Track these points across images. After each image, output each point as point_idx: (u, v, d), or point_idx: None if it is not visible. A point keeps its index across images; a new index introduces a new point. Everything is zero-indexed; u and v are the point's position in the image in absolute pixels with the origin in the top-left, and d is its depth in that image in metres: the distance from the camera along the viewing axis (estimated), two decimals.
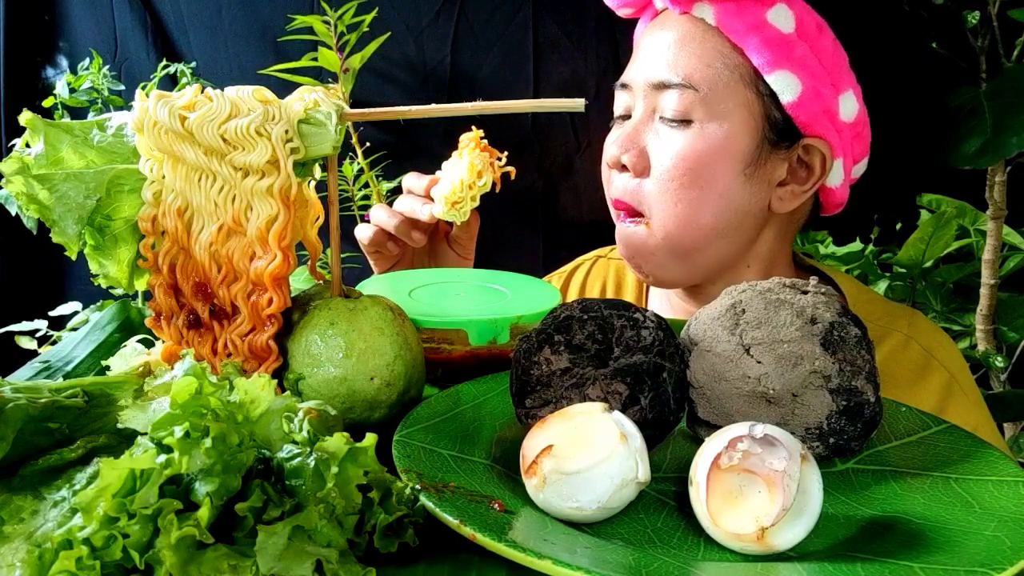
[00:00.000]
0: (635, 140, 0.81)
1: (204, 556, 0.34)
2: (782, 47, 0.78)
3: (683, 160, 0.78)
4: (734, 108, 0.78)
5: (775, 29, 0.78)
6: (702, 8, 0.79)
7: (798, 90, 0.78)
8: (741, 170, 0.79)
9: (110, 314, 0.71)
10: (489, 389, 0.56)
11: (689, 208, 0.79)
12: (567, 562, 0.35)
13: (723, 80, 0.78)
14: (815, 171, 0.82)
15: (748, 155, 0.79)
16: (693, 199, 0.79)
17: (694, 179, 0.78)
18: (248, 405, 0.39)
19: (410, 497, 0.40)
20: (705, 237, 0.81)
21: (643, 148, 0.80)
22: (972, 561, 0.37)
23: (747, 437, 0.40)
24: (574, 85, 1.61)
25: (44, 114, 0.77)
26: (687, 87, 0.78)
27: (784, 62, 0.78)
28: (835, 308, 0.48)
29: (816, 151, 0.81)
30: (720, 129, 0.78)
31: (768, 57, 0.77)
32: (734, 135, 0.78)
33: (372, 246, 0.87)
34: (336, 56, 1.49)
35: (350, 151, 1.58)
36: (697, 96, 0.77)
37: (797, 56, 0.78)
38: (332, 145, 0.52)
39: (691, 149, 0.78)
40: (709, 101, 0.78)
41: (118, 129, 0.53)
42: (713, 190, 0.79)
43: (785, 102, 0.78)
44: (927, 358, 0.82)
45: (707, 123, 0.78)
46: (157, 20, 1.75)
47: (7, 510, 0.39)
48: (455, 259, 0.90)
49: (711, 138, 0.78)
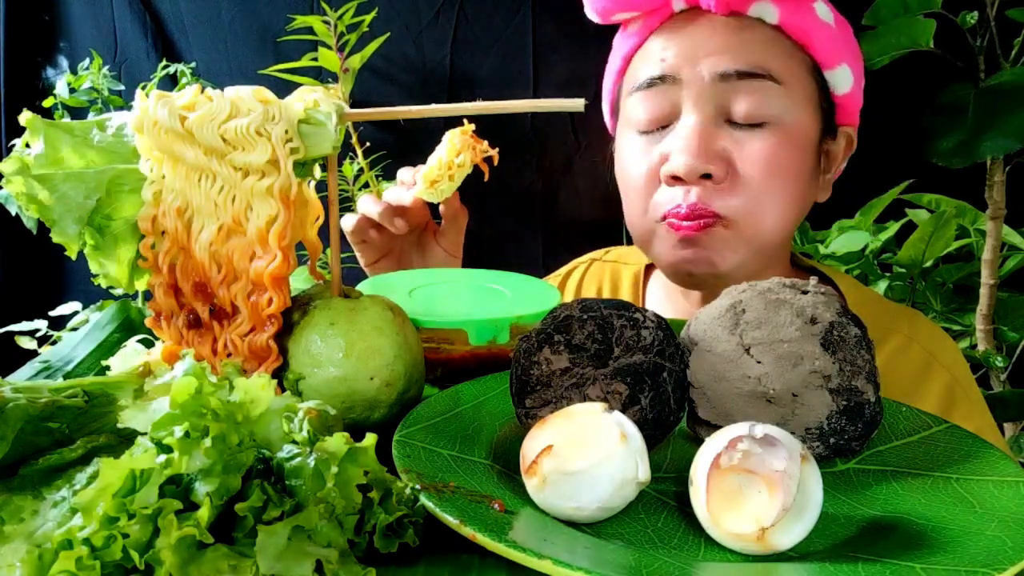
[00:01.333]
0: (712, 146, 0.74)
1: (204, 556, 0.34)
2: (837, 41, 0.78)
3: (772, 161, 0.75)
4: (805, 101, 0.77)
5: (826, 24, 0.78)
6: (762, 8, 0.76)
7: (851, 82, 0.79)
8: (813, 163, 0.79)
9: (110, 314, 0.71)
10: (489, 389, 0.56)
11: (779, 205, 0.77)
12: (567, 562, 0.35)
13: (794, 74, 0.76)
14: (838, 158, 0.83)
15: (816, 147, 0.79)
16: (782, 196, 0.77)
17: (782, 177, 0.76)
18: (248, 405, 0.39)
19: (410, 497, 0.40)
20: (787, 231, 0.80)
21: (723, 154, 0.75)
22: (973, 561, 0.37)
23: (747, 437, 0.40)
24: (574, 85, 1.61)
25: (44, 114, 0.77)
26: (767, 77, 0.74)
27: (844, 55, 0.78)
28: (835, 308, 0.48)
29: (844, 138, 0.82)
30: (796, 125, 0.76)
31: (829, 52, 0.77)
32: (807, 129, 0.78)
33: (356, 235, 0.86)
34: (336, 56, 1.50)
35: (350, 151, 1.58)
36: (777, 88, 0.75)
37: (847, 48, 0.79)
38: (332, 145, 0.52)
39: (776, 147, 0.75)
40: (788, 95, 0.75)
41: (118, 129, 0.53)
42: (796, 185, 0.78)
43: (840, 93, 0.79)
44: (929, 360, 0.82)
45: (785, 118, 0.75)
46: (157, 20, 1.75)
47: (7, 510, 0.39)
48: (442, 256, 0.90)
49: (791, 135, 0.76)
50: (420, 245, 0.90)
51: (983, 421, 0.80)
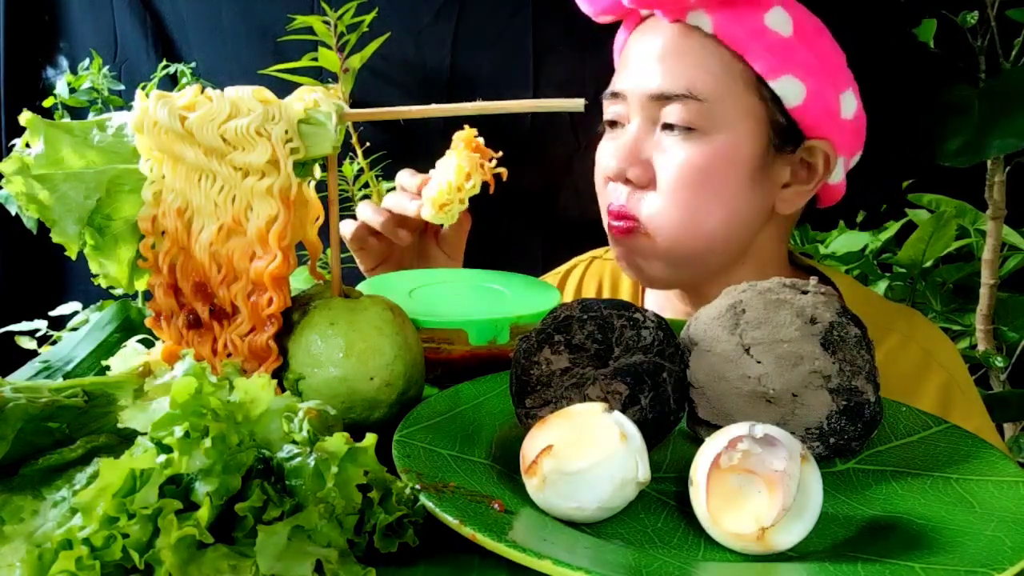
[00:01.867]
0: (636, 152, 0.78)
1: (204, 556, 0.34)
2: (783, 51, 0.76)
3: (691, 171, 0.76)
4: (739, 116, 0.77)
5: (775, 34, 0.77)
6: (698, 16, 0.77)
7: (802, 94, 0.77)
8: (748, 177, 0.78)
9: (110, 314, 0.71)
10: (489, 389, 0.56)
11: (695, 217, 0.78)
12: (567, 562, 0.35)
13: (727, 88, 0.76)
14: (818, 171, 0.81)
15: (755, 161, 0.78)
16: (700, 208, 0.78)
17: (701, 189, 0.77)
18: (248, 405, 0.39)
19: (410, 497, 0.40)
20: (709, 244, 0.80)
21: (647, 160, 0.78)
22: (973, 561, 0.37)
23: (747, 437, 0.40)
24: (574, 85, 1.61)
25: (44, 114, 0.77)
26: (690, 98, 0.76)
27: (787, 67, 0.76)
28: (835, 308, 0.48)
29: (819, 151, 0.80)
30: (726, 138, 0.76)
31: (771, 63, 0.76)
32: (740, 143, 0.77)
33: (355, 242, 0.84)
34: (336, 56, 1.50)
35: (350, 151, 1.58)
36: (702, 106, 0.76)
37: (799, 60, 0.77)
38: (332, 145, 0.52)
39: (698, 159, 0.76)
40: (714, 110, 0.76)
41: (118, 129, 0.53)
42: (720, 199, 0.78)
43: (790, 107, 0.77)
44: (926, 359, 0.82)
45: (713, 132, 0.76)
46: (157, 20, 1.75)
47: (7, 510, 0.39)
48: (443, 260, 0.89)
49: (718, 147, 0.76)
50: (420, 249, 0.89)
51: (982, 422, 0.80)
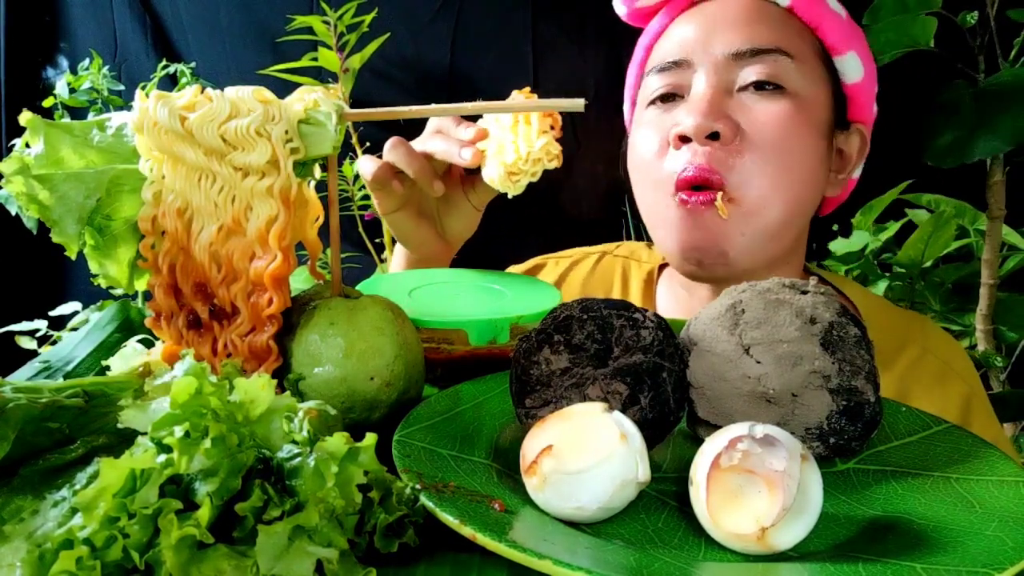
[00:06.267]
0: (722, 108, 0.74)
1: (204, 556, 0.34)
2: (847, 29, 0.79)
3: (782, 127, 0.74)
4: (815, 80, 0.77)
5: (836, 14, 0.79)
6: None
7: (861, 73, 0.79)
8: (823, 141, 0.78)
9: (110, 314, 0.71)
10: (489, 389, 0.56)
11: (783, 177, 0.75)
12: (567, 562, 0.35)
13: (807, 52, 0.77)
14: (851, 159, 0.82)
15: (826, 131, 0.78)
16: (786, 167, 0.75)
17: (789, 148, 0.75)
18: (248, 405, 0.39)
19: (410, 497, 0.40)
20: (792, 213, 0.77)
21: (734, 118, 0.74)
22: (973, 561, 0.37)
23: (747, 437, 0.40)
24: (574, 85, 1.61)
25: (44, 114, 0.77)
26: (782, 53, 0.75)
27: (853, 43, 0.79)
28: (835, 308, 0.48)
29: (857, 137, 0.81)
30: (807, 97, 0.76)
31: (840, 37, 0.78)
32: (818, 107, 0.77)
33: (376, 183, 0.76)
34: (336, 56, 1.50)
35: (350, 151, 1.58)
36: (791, 63, 0.75)
37: (858, 40, 0.80)
38: (332, 145, 0.52)
39: (788, 113, 0.74)
40: (800, 69, 0.75)
41: (118, 129, 0.53)
42: (804, 163, 0.76)
43: (850, 82, 0.79)
44: (944, 369, 0.81)
45: (797, 90, 0.75)
46: (157, 21, 1.75)
47: (7, 510, 0.39)
48: (468, 210, 0.82)
49: (801, 105, 0.75)
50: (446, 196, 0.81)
51: (999, 433, 0.80)
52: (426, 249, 0.85)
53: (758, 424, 0.40)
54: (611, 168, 1.65)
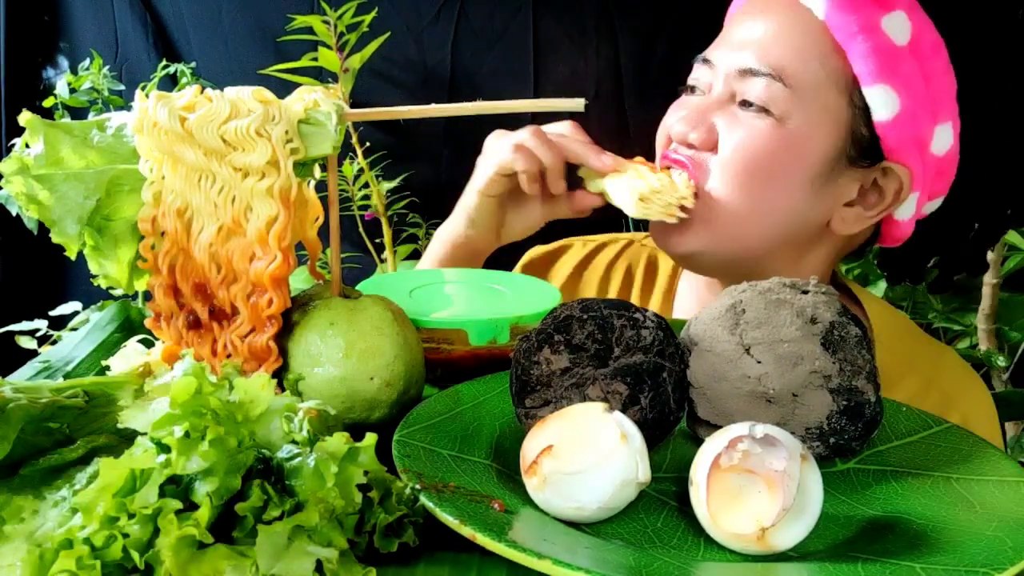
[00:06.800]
0: (704, 118, 0.75)
1: (204, 556, 0.34)
2: (890, 59, 0.72)
3: (754, 148, 0.73)
4: (820, 113, 0.73)
5: (887, 38, 0.72)
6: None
7: (895, 110, 0.72)
8: (810, 179, 0.74)
9: (110, 314, 0.71)
10: (489, 389, 0.56)
11: (747, 201, 0.74)
12: (567, 562, 0.35)
13: (816, 81, 0.73)
14: (887, 198, 0.76)
15: (822, 165, 0.74)
16: (754, 193, 0.74)
17: (759, 173, 0.74)
18: (248, 405, 0.39)
19: (410, 497, 0.40)
20: (755, 236, 0.76)
21: (712, 126, 0.75)
22: (973, 561, 0.37)
23: (747, 437, 0.40)
24: (574, 85, 1.61)
25: (44, 114, 0.76)
26: (776, 79, 0.73)
27: (888, 76, 0.72)
28: (835, 308, 0.48)
29: (895, 177, 0.75)
30: (800, 131, 0.73)
31: (872, 67, 0.72)
32: (813, 141, 0.73)
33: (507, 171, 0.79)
34: (336, 56, 1.49)
35: (350, 151, 1.58)
36: (785, 91, 0.72)
37: (903, 72, 0.72)
38: (332, 145, 0.52)
39: (765, 140, 0.73)
40: (796, 100, 0.73)
41: (118, 129, 0.53)
42: (776, 191, 0.75)
43: (878, 120, 0.73)
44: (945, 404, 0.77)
45: (788, 120, 0.73)
46: (157, 20, 1.75)
47: (7, 510, 0.39)
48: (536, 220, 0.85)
49: (789, 136, 0.73)
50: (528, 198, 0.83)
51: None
52: (482, 239, 0.87)
53: (758, 424, 0.40)
54: None
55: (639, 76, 1.60)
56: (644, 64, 1.60)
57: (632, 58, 1.60)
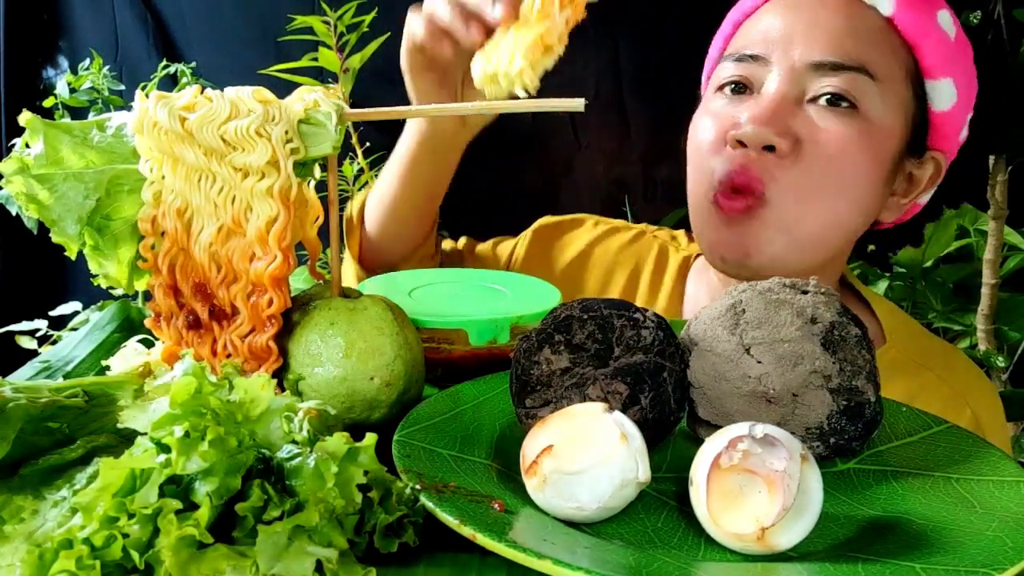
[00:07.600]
0: (786, 120, 0.71)
1: (204, 556, 0.34)
2: (951, 53, 0.74)
3: (841, 150, 0.70)
4: (896, 106, 0.73)
5: (944, 33, 0.73)
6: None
7: (953, 101, 0.74)
8: (885, 171, 0.74)
9: (110, 314, 0.71)
10: (489, 389, 0.56)
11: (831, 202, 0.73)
12: (567, 562, 0.35)
13: (893, 75, 0.72)
14: (920, 184, 0.77)
15: (893, 161, 0.74)
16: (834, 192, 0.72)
17: (842, 171, 0.71)
18: (248, 405, 0.39)
19: (410, 497, 0.40)
20: (828, 233, 0.75)
21: (795, 134, 0.71)
22: (973, 561, 0.37)
23: (747, 437, 0.40)
24: (574, 85, 1.61)
25: (44, 114, 0.76)
26: (865, 73, 0.70)
27: (951, 69, 0.73)
28: (835, 308, 0.48)
29: (932, 165, 0.76)
30: (883, 125, 0.72)
31: (939, 61, 0.73)
32: (892, 136, 0.73)
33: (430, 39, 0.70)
34: (336, 56, 1.50)
35: (350, 151, 1.58)
36: (872, 85, 0.70)
37: (961, 66, 0.74)
38: (332, 145, 0.52)
39: (853, 135, 0.70)
40: (880, 93, 0.71)
41: (118, 129, 0.53)
42: (856, 187, 0.73)
43: (938, 110, 0.74)
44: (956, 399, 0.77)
45: (871, 116, 0.71)
46: (158, 20, 1.75)
47: (7, 510, 0.39)
48: None
49: (873, 131, 0.71)
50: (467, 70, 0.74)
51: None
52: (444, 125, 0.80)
53: (758, 424, 0.40)
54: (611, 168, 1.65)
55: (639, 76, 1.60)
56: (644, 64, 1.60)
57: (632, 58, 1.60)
